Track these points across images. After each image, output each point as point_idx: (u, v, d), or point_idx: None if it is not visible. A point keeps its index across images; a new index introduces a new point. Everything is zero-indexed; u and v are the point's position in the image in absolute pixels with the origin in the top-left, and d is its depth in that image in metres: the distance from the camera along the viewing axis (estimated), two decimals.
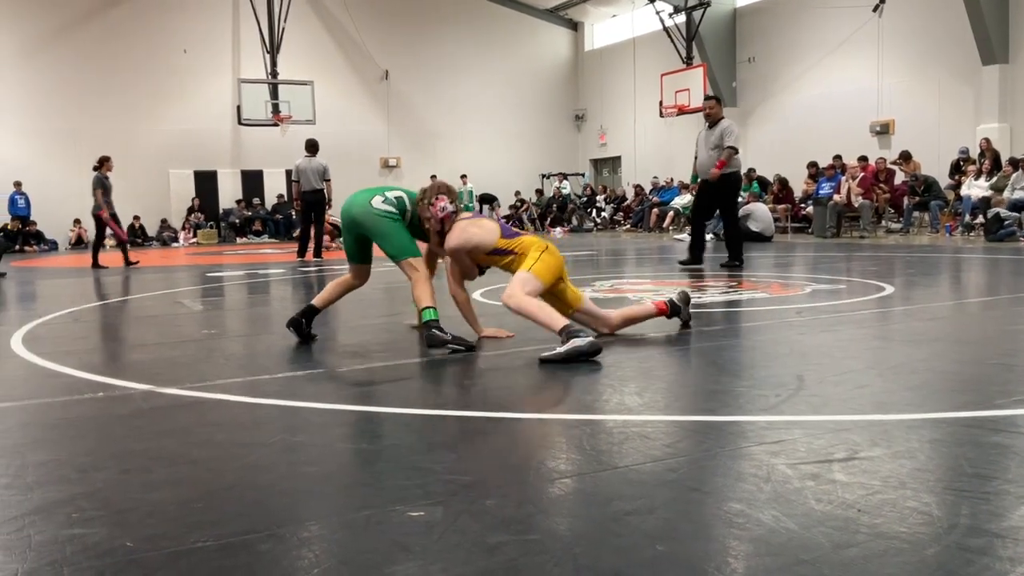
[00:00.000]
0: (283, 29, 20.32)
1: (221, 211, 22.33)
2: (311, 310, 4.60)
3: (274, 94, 19.89)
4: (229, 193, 22.45)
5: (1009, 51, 15.33)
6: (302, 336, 4.52)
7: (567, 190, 23.50)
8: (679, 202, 18.58)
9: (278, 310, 6.52)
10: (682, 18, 20.73)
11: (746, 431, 2.58)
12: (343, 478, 2.30)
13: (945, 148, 15.68)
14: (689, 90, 19.75)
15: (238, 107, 20.02)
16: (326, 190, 12.46)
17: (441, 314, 4.14)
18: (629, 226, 20.72)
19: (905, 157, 15.47)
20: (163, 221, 21.68)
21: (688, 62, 20.71)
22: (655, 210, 19.59)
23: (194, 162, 21.94)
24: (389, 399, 3.25)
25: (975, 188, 13.73)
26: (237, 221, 21.97)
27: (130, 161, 19.66)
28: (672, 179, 20.39)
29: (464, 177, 22.41)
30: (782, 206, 16.43)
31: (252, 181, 22.55)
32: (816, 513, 1.86)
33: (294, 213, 16.93)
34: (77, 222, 20.49)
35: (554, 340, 3.85)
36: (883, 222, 15.22)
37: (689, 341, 4.30)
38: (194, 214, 21.86)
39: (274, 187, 22.50)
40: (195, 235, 21.44)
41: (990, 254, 9.80)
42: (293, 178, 12.75)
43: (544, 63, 25.74)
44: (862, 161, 15.09)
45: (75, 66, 20.55)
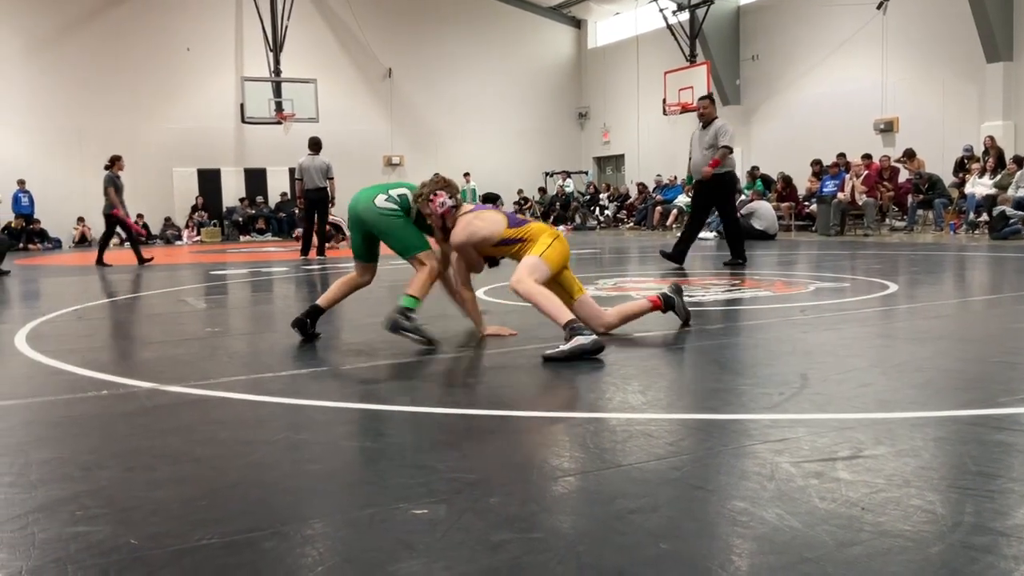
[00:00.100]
0: (286, 27, 20.32)
1: (224, 209, 22.33)
2: (316, 310, 4.54)
3: (277, 92, 19.90)
4: (232, 191, 22.46)
5: (1013, 49, 15.29)
6: (306, 335, 4.50)
7: (570, 188, 23.49)
8: (682, 200, 18.53)
9: (282, 308, 6.53)
10: (685, 16, 20.70)
11: (750, 429, 2.58)
12: (347, 476, 2.30)
13: (949, 146, 15.65)
14: (692, 88, 19.69)
15: (241, 105, 20.04)
16: (329, 188, 12.47)
17: (440, 314, 4.13)
18: (632, 224, 20.72)
19: (909, 155, 15.45)
20: (167, 219, 21.71)
21: (691, 60, 20.67)
22: (658, 208, 19.59)
23: (197, 160, 21.96)
24: (393, 397, 3.25)
25: (979, 186, 13.70)
26: (240, 219, 21.98)
27: (134, 160, 19.55)
28: (675, 177, 20.36)
29: (467, 175, 22.40)
30: (786, 204, 16.40)
31: (255, 179, 22.56)
32: (820, 511, 1.86)
33: (297, 211, 16.93)
34: (80, 220, 20.52)
35: (557, 338, 3.85)
36: (887, 220, 15.20)
37: (692, 339, 4.29)
38: (197, 212, 21.88)
39: (277, 185, 22.50)
40: (199, 233, 21.46)
41: (994, 252, 9.78)
42: (296, 176, 12.77)
43: (547, 61, 25.72)
44: (866, 159, 15.08)
45: (79, 65, 20.58)
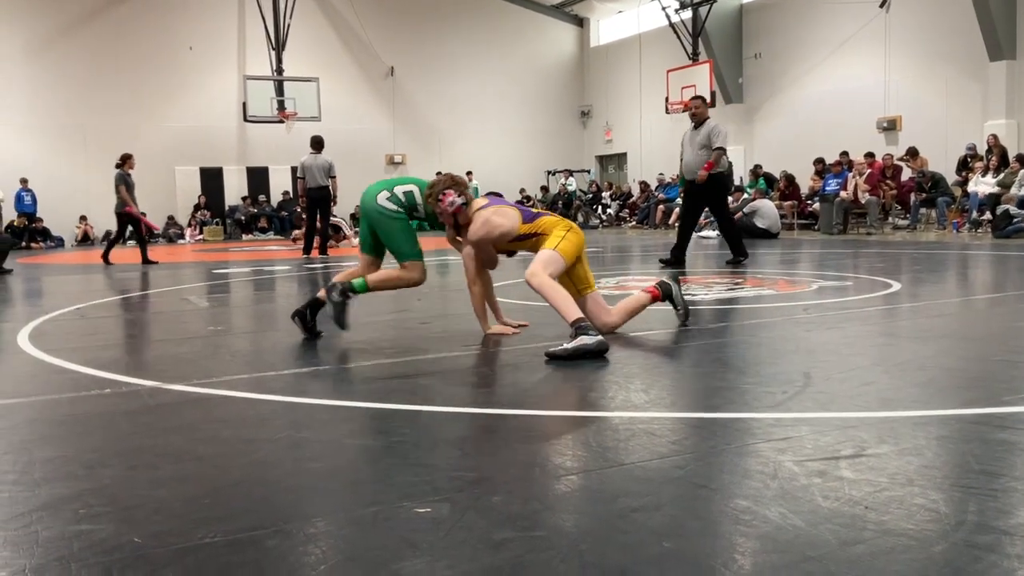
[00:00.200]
0: (288, 26, 20.31)
1: (227, 208, 22.35)
2: (316, 303, 4.53)
3: (279, 91, 19.89)
4: (235, 190, 22.47)
5: (1016, 47, 15.27)
6: (307, 331, 4.50)
7: (572, 187, 23.48)
8: None
9: (284, 307, 6.52)
10: (688, 14, 20.68)
11: (753, 428, 2.58)
12: (349, 474, 2.30)
13: (952, 144, 15.63)
14: (695, 86, 19.66)
15: (244, 104, 20.02)
16: (332, 187, 12.46)
17: (442, 313, 4.13)
18: (635, 223, 20.70)
19: (912, 153, 15.43)
20: (170, 218, 21.72)
21: (694, 58, 20.66)
22: (660, 207, 19.57)
23: (200, 159, 21.98)
24: (395, 395, 3.25)
25: (982, 184, 13.69)
26: (243, 218, 22.00)
27: (136, 158, 19.61)
28: (677, 176, 20.34)
29: (470, 174, 22.36)
30: (788, 202, 16.38)
31: (258, 178, 22.57)
32: (823, 510, 1.85)
33: (299, 210, 16.93)
34: (83, 219, 20.54)
35: (561, 337, 3.85)
36: (890, 219, 15.18)
37: (695, 338, 4.29)
38: (200, 211, 21.89)
39: (280, 184, 22.51)
40: (201, 232, 21.48)
41: (997, 251, 9.77)
42: (299, 175, 12.75)
43: (550, 59, 25.71)
44: (869, 157, 15.06)
45: (81, 63, 20.60)
